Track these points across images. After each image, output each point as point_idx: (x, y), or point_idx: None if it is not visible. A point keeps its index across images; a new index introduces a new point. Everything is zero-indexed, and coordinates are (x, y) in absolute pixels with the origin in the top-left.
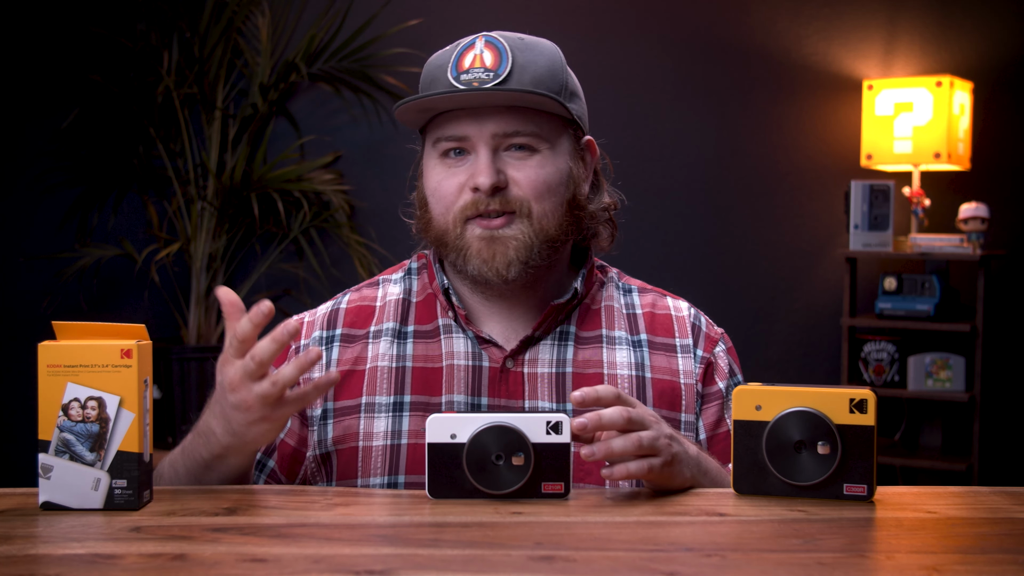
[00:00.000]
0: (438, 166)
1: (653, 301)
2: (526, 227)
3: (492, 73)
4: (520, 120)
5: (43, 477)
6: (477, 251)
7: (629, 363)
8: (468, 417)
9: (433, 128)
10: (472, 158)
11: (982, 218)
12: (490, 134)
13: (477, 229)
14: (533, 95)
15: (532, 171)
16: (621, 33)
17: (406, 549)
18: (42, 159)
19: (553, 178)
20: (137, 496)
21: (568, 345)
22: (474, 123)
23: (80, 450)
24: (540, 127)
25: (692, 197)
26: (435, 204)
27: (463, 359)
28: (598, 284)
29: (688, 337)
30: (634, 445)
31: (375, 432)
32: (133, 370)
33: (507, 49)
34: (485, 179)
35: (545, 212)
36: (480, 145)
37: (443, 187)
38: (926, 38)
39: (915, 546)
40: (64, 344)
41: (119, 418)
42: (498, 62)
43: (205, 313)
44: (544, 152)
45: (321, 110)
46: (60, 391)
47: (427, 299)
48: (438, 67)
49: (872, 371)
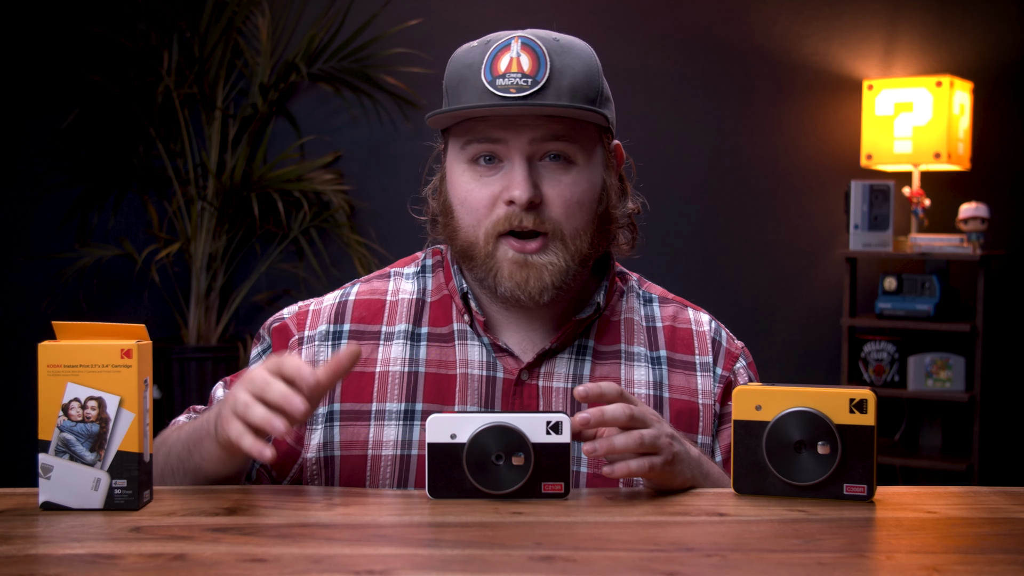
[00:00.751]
0: (467, 172)
1: (675, 314)
2: (561, 251)
3: (530, 80)
4: (557, 128)
5: (43, 477)
6: (510, 274)
7: (647, 382)
8: (468, 417)
9: (462, 131)
10: (505, 167)
11: (982, 218)
12: (527, 140)
13: (510, 251)
14: (575, 109)
15: (567, 189)
16: (621, 33)
17: (406, 549)
18: (42, 159)
19: (587, 195)
20: (137, 496)
21: (586, 360)
22: (510, 130)
23: (80, 450)
24: (578, 136)
25: (692, 197)
26: (464, 214)
27: (477, 368)
28: (618, 294)
29: (708, 355)
30: (635, 442)
31: (384, 441)
32: (133, 370)
33: (544, 53)
34: (522, 193)
35: (578, 232)
36: (515, 154)
37: (473, 197)
38: (926, 38)
39: (915, 546)
40: (64, 344)
41: (119, 418)
42: (536, 67)
43: (205, 313)
44: (580, 165)
45: (321, 110)
46: (60, 391)
47: (442, 300)
48: (468, 67)
49: (872, 371)
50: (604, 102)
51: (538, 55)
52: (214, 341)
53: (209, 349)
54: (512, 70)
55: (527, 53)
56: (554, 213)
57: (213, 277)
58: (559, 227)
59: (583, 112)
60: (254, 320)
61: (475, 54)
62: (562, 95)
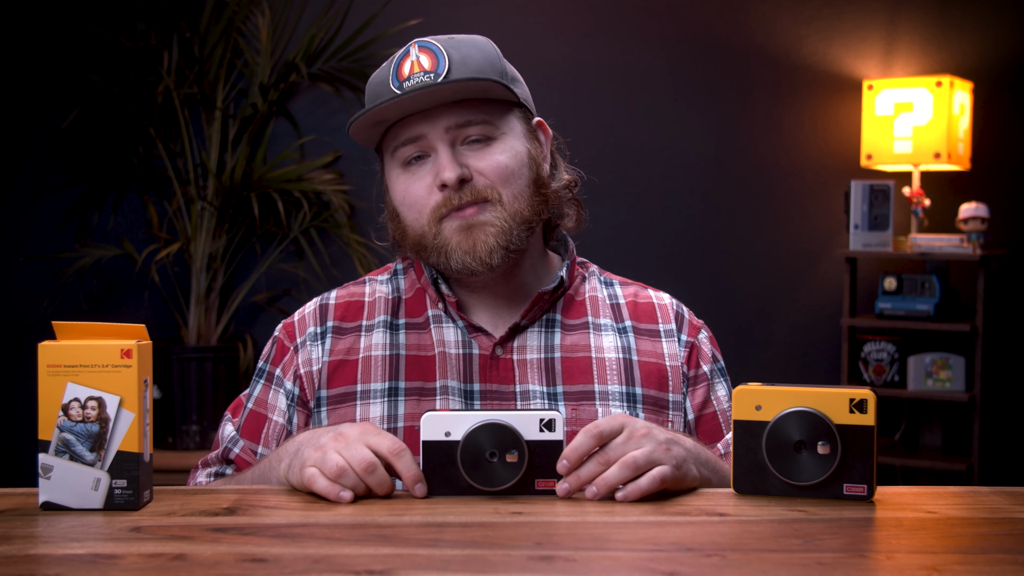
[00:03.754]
0: (401, 175)
1: (635, 292)
2: (500, 212)
3: (432, 74)
4: (470, 111)
5: (43, 477)
6: (457, 244)
7: (616, 346)
8: (462, 415)
9: (388, 140)
10: (432, 158)
11: (982, 218)
12: (443, 128)
13: (453, 222)
14: (476, 82)
15: (493, 158)
16: (621, 33)
17: (406, 549)
18: (42, 159)
19: (513, 162)
20: (137, 496)
21: (555, 331)
22: (426, 122)
23: (80, 450)
24: (490, 114)
25: (692, 197)
26: (407, 212)
27: (454, 347)
28: (580, 278)
29: (671, 323)
30: (630, 470)
31: (371, 417)
32: (133, 370)
33: (442, 50)
34: (450, 173)
35: (514, 195)
36: (437, 143)
37: (411, 192)
38: (926, 38)
39: (915, 546)
40: (64, 344)
41: (119, 418)
42: (435, 63)
43: (205, 313)
44: (499, 139)
45: (321, 110)
46: (60, 391)
47: (416, 294)
48: (380, 82)
49: (872, 371)
50: (511, 80)
51: (436, 53)
52: (214, 341)
53: (209, 349)
54: (414, 71)
55: (425, 53)
56: (486, 181)
57: (213, 277)
58: (495, 191)
59: (484, 84)
60: (254, 320)
61: (383, 70)
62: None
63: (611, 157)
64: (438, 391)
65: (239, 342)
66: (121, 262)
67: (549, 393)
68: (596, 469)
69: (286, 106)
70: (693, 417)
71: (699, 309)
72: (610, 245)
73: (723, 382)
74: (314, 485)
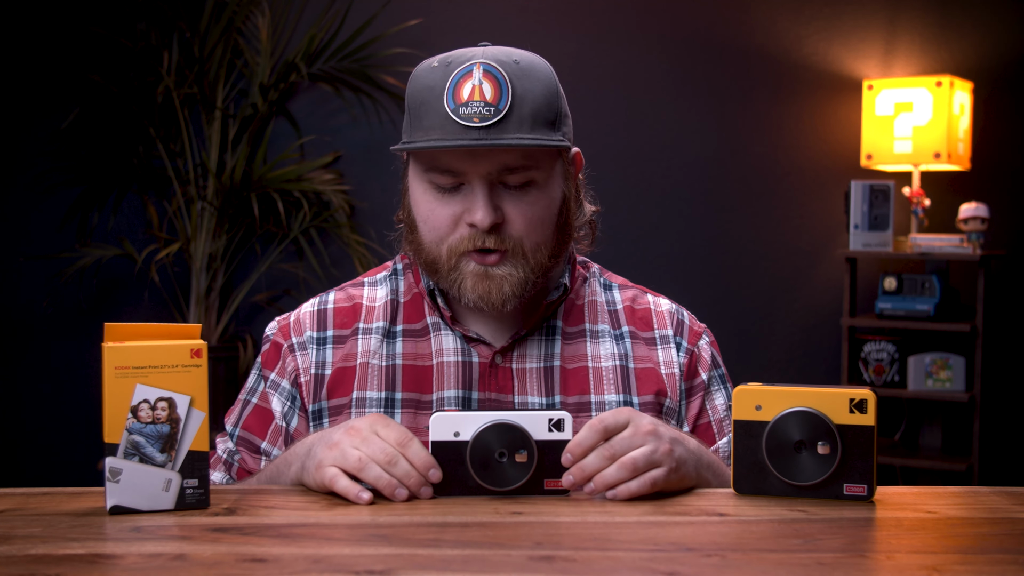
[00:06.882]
0: (429, 192)
1: (633, 297)
2: (520, 264)
3: (492, 108)
4: (517, 156)
5: (111, 481)
6: (472, 286)
7: (612, 354)
8: (471, 415)
9: (422, 155)
10: (466, 189)
11: (982, 218)
12: (486, 171)
13: (471, 264)
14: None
15: (528, 208)
16: (621, 33)
17: (406, 549)
18: (42, 159)
19: (547, 212)
20: (208, 495)
21: (556, 340)
22: (470, 161)
23: (150, 451)
24: (536, 160)
25: (692, 197)
26: (427, 232)
27: (452, 356)
28: (581, 279)
29: (669, 328)
30: (628, 471)
31: None
32: (203, 369)
33: (506, 79)
34: (484, 217)
35: (538, 246)
36: (476, 180)
37: (436, 216)
38: (926, 38)
39: (915, 546)
40: (132, 345)
41: (190, 418)
42: (498, 95)
43: (205, 313)
44: (539, 184)
45: (321, 110)
46: (128, 393)
47: (414, 299)
48: (429, 90)
49: (872, 371)
50: (563, 120)
51: (500, 82)
52: (214, 341)
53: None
54: (475, 98)
55: (489, 80)
56: (515, 231)
57: (213, 277)
58: (519, 244)
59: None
60: (254, 320)
61: (436, 76)
62: (523, 122)
63: (611, 157)
64: (434, 404)
65: (239, 342)
66: (121, 262)
67: (548, 404)
68: (599, 463)
69: (286, 106)
70: (688, 429)
71: (699, 309)
72: (610, 245)
73: (722, 390)
74: (336, 485)
